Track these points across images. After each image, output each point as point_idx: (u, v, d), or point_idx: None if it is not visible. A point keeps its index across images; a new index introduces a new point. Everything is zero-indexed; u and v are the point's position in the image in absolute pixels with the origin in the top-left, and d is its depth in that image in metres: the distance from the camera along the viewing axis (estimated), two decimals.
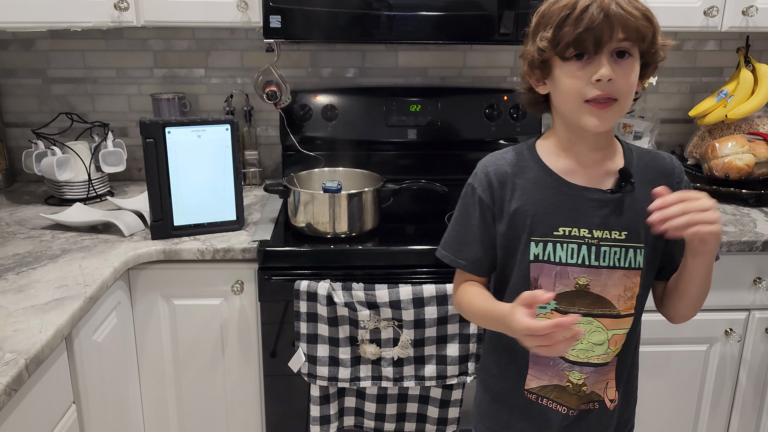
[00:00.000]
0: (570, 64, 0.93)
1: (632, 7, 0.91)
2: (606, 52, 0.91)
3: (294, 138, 1.90)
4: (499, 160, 1.06)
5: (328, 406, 1.50)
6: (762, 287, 1.59)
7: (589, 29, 0.89)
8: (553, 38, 0.92)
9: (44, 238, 1.54)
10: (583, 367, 1.05)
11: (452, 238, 1.10)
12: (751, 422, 1.70)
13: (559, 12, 0.92)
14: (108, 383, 1.36)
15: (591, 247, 1.00)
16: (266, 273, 1.48)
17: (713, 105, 1.95)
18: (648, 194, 0.99)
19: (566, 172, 1.02)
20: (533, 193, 1.02)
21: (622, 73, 0.92)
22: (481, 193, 1.05)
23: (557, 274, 1.01)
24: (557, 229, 1.00)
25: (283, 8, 1.58)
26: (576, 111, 0.95)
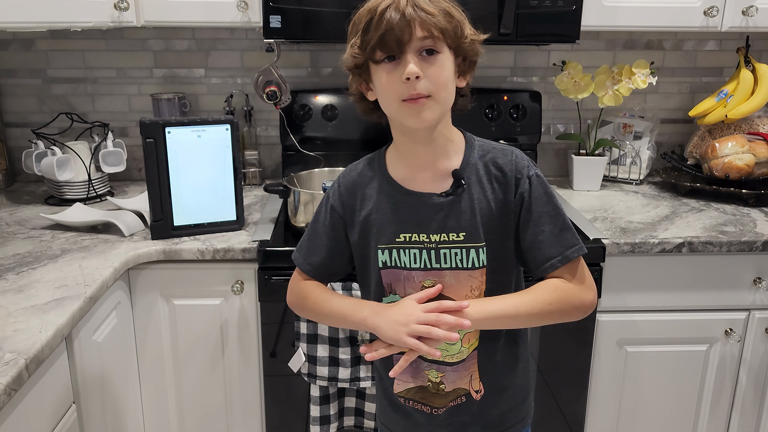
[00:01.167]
0: (382, 67, 0.96)
1: (431, 6, 0.93)
2: (411, 51, 0.93)
3: (294, 138, 1.90)
4: (352, 171, 1.10)
5: (328, 406, 1.50)
6: (762, 287, 1.59)
7: (389, 31, 0.92)
8: (362, 43, 0.96)
9: (44, 238, 1.54)
10: (439, 365, 1.07)
11: (304, 242, 1.14)
12: (751, 422, 1.70)
13: (364, 17, 0.95)
14: (108, 383, 1.36)
15: (431, 251, 1.02)
16: (266, 273, 1.48)
17: (713, 105, 1.95)
18: (486, 192, 1.02)
19: (405, 178, 1.04)
20: (378, 202, 1.05)
21: (431, 69, 0.94)
22: (333, 202, 1.09)
23: (404, 278, 1.04)
24: (399, 235, 1.03)
25: (283, 8, 1.58)
26: (397, 112, 0.98)
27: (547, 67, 2.07)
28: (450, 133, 1.05)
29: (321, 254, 1.11)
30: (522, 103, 1.99)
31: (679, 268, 1.58)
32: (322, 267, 1.12)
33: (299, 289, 1.14)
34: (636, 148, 2.04)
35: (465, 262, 1.02)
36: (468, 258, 1.01)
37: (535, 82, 2.08)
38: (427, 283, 1.03)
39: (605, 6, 1.70)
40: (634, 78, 1.87)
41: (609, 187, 2.01)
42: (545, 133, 2.11)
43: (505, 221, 1.02)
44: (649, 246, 1.53)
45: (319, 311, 1.11)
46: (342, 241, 1.09)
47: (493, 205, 1.02)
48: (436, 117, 0.98)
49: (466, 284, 1.03)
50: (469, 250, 1.01)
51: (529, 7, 1.62)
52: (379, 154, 1.09)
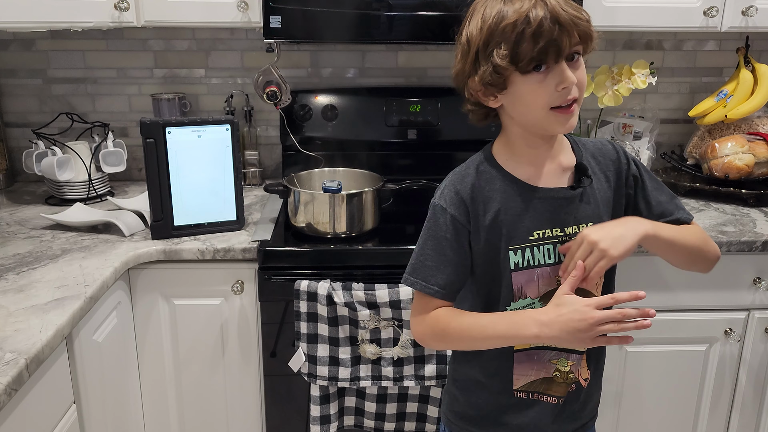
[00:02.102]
0: (531, 77, 0.93)
1: (573, 9, 0.92)
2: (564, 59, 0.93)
3: (294, 138, 1.90)
4: (465, 177, 1.05)
5: (328, 406, 1.50)
6: (762, 287, 1.59)
7: (550, 42, 0.90)
8: (512, 55, 0.91)
9: (44, 238, 1.54)
10: (571, 354, 1.07)
11: (421, 263, 1.05)
12: (750, 422, 1.70)
13: (513, 28, 0.90)
14: (108, 383, 1.36)
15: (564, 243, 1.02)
16: (266, 273, 1.48)
17: (713, 105, 1.95)
18: (602, 182, 1.06)
19: (528, 177, 1.03)
20: (504, 203, 1.02)
21: (577, 74, 0.95)
22: (453, 212, 1.02)
23: (539, 276, 1.03)
24: (532, 233, 1.02)
25: (283, 8, 1.58)
26: (542, 120, 0.97)
27: None
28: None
29: (447, 271, 1.03)
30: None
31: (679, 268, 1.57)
32: (449, 285, 1.04)
33: (432, 321, 1.04)
34: (636, 148, 2.04)
35: None
36: None
37: None
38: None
39: (605, 6, 1.70)
40: (634, 78, 1.87)
41: None
42: None
43: (620, 204, 1.07)
44: None
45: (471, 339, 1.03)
46: (466, 252, 1.04)
47: (610, 192, 1.06)
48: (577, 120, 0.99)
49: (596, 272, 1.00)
50: None
51: None
52: (486, 156, 1.06)
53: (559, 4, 0.91)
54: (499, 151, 1.06)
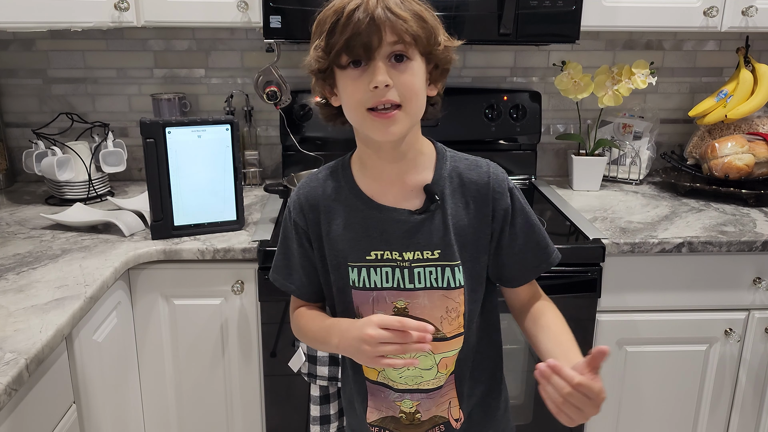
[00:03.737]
0: (348, 72, 0.88)
1: (402, 9, 0.86)
2: (380, 57, 0.86)
3: (294, 138, 1.90)
4: (313, 182, 1.01)
5: (328, 406, 1.50)
6: (762, 287, 1.59)
7: (356, 35, 0.84)
8: (326, 46, 0.88)
9: (44, 238, 1.54)
10: (413, 394, 1.01)
11: (279, 261, 1.05)
12: (750, 422, 1.70)
13: (330, 18, 0.87)
14: (108, 383, 1.36)
15: (404, 270, 0.95)
16: (266, 273, 1.47)
17: (713, 105, 1.95)
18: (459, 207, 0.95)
19: (374, 192, 0.97)
20: (345, 217, 0.97)
21: (401, 77, 0.87)
22: (295, 217, 1.00)
23: (374, 299, 0.96)
24: (369, 253, 0.96)
25: (283, 8, 1.58)
26: (362, 122, 0.91)
27: (547, 67, 2.07)
28: (420, 145, 0.97)
29: (298, 273, 1.03)
30: (522, 103, 1.99)
31: (678, 268, 1.58)
32: (303, 286, 1.03)
33: (295, 319, 1.06)
34: (636, 148, 2.04)
35: (440, 282, 0.95)
36: (443, 277, 0.95)
37: (535, 82, 2.09)
38: (399, 303, 0.96)
39: (605, 6, 1.70)
40: (634, 78, 1.87)
41: (609, 187, 2.01)
42: (545, 133, 2.11)
43: (480, 237, 0.97)
44: (649, 246, 1.53)
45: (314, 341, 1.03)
46: (311, 257, 1.01)
47: (468, 220, 0.96)
48: (405, 130, 0.90)
49: (440, 305, 0.96)
50: (444, 269, 0.95)
51: (529, 7, 1.62)
52: (344, 164, 1.01)
53: (385, 1, 0.85)
54: (354, 160, 1.01)
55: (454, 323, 0.98)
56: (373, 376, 1.03)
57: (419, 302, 0.96)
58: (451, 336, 0.98)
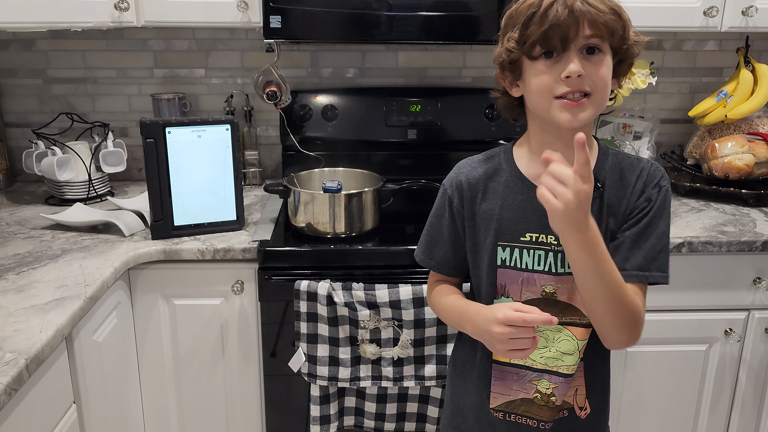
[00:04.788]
0: (539, 63, 0.92)
1: (599, 2, 0.89)
2: (574, 48, 0.89)
3: (294, 138, 1.90)
4: (473, 163, 1.06)
5: (328, 406, 1.50)
6: (762, 287, 1.59)
7: (555, 26, 0.88)
8: (520, 38, 0.91)
9: (44, 238, 1.54)
10: (552, 375, 1.02)
11: (424, 238, 1.11)
12: (751, 422, 1.70)
13: (526, 11, 0.90)
14: (108, 383, 1.36)
15: (558, 254, 0.98)
16: (266, 273, 1.48)
17: (713, 105, 1.95)
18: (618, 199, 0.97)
19: (537, 176, 0.96)
20: (503, 197, 1.00)
21: (592, 68, 0.90)
22: (451, 195, 1.05)
23: (524, 280, 0.99)
24: (524, 234, 0.99)
25: (283, 8, 1.58)
26: (548, 108, 0.93)
27: None
28: (590, 138, 1.01)
29: (443, 248, 1.07)
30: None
31: (679, 268, 1.57)
32: (446, 261, 1.08)
33: (432, 294, 1.11)
34: (636, 148, 2.04)
35: None
36: None
37: None
38: (548, 288, 0.99)
39: None
40: (634, 78, 1.86)
41: None
42: None
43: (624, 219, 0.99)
44: None
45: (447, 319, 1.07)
46: (461, 234, 1.05)
47: (621, 211, 0.98)
48: (590, 119, 0.94)
49: None
50: None
51: None
52: (506, 149, 1.05)
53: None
54: (520, 145, 1.04)
55: None
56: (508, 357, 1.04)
57: (568, 287, 0.98)
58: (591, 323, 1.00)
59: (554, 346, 1.01)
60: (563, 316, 1.00)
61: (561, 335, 1.01)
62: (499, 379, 1.05)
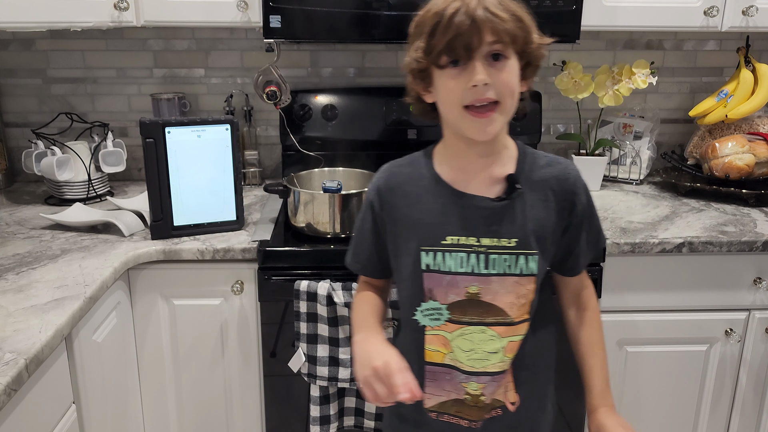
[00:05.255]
0: (446, 72, 0.92)
1: (501, 9, 0.90)
2: (479, 56, 0.90)
3: (294, 138, 1.90)
4: (394, 168, 1.07)
5: (328, 406, 1.50)
6: (762, 287, 1.59)
7: (458, 35, 0.88)
8: (426, 47, 0.92)
9: (44, 238, 1.54)
10: (479, 376, 1.03)
11: (351, 243, 1.13)
12: (751, 422, 1.70)
13: (431, 21, 0.91)
14: (108, 383, 1.36)
15: (480, 256, 0.99)
16: (266, 273, 1.48)
17: (713, 105, 1.95)
18: (538, 200, 1.00)
19: (455, 180, 1.01)
20: (424, 202, 1.01)
21: (498, 75, 0.91)
22: (372, 199, 1.07)
23: (448, 283, 1.00)
24: (445, 238, 1.00)
25: (283, 8, 1.58)
26: (458, 119, 0.95)
27: (547, 67, 2.06)
28: (506, 140, 1.03)
29: (367, 252, 1.10)
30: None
31: (679, 268, 1.57)
32: (370, 264, 1.11)
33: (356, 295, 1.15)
34: (636, 148, 2.04)
35: (514, 269, 0.99)
36: (517, 265, 0.99)
37: (535, 82, 2.07)
38: (471, 289, 1.00)
39: (605, 6, 1.70)
40: (634, 78, 1.87)
41: (609, 187, 2.01)
42: (545, 133, 2.11)
43: (555, 229, 1.02)
44: (649, 246, 1.52)
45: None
46: (383, 239, 1.07)
47: (545, 213, 1.01)
48: (500, 128, 0.96)
49: (512, 291, 1.00)
50: (518, 257, 0.99)
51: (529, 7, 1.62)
52: (426, 153, 1.06)
53: (485, 2, 0.89)
54: (438, 151, 1.06)
55: (522, 309, 1.02)
56: (439, 359, 1.05)
57: (492, 288, 1.00)
58: (518, 321, 1.02)
59: (480, 347, 1.02)
60: (487, 316, 1.01)
61: (485, 336, 1.02)
62: (432, 380, 1.06)
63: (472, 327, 1.01)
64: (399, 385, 0.90)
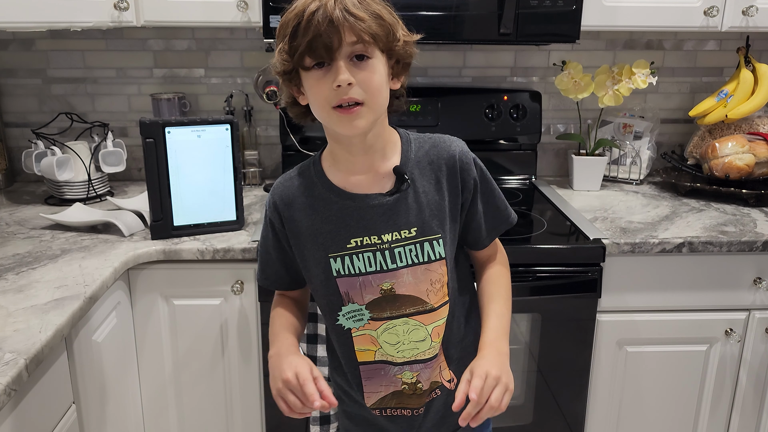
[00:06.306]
0: (312, 73, 0.92)
1: (360, 9, 0.89)
2: (342, 57, 0.90)
3: (294, 138, 1.90)
4: (286, 181, 1.06)
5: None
6: (762, 287, 1.59)
7: (317, 37, 0.88)
8: (290, 49, 0.92)
9: (44, 238, 1.54)
10: (412, 365, 1.05)
11: (258, 259, 1.12)
12: (751, 422, 1.70)
13: (292, 22, 0.91)
14: (108, 383, 1.36)
15: (385, 252, 1.00)
16: None
17: (713, 105, 1.95)
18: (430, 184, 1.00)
19: (345, 183, 1.01)
20: (320, 210, 1.02)
21: (362, 75, 0.91)
22: (271, 216, 1.06)
23: (361, 284, 1.01)
24: (349, 241, 1.00)
25: (283, 8, 1.57)
26: (328, 119, 0.95)
27: (547, 67, 2.07)
28: (388, 135, 1.03)
29: (274, 267, 1.10)
30: (522, 103, 1.99)
31: (679, 268, 1.57)
32: (278, 278, 1.11)
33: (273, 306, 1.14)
34: (636, 148, 2.04)
35: (421, 257, 1.00)
36: (423, 252, 1.00)
37: (535, 82, 2.08)
38: (385, 285, 1.01)
39: (605, 6, 1.70)
40: (634, 78, 1.87)
41: (609, 187, 2.01)
42: (545, 133, 2.11)
43: (452, 208, 1.02)
44: (649, 246, 1.52)
45: None
46: (288, 252, 1.07)
47: (439, 195, 1.01)
48: (369, 123, 0.95)
49: (425, 279, 1.01)
50: (423, 244, 1.00)
51: (529, 7, 1.62)
52: (314, 161, 1.06)
53: (343, 3, 0.89)
54: (325, 157, 1.05)
55: (440, 293, 1.03)
56: (370, 357, 1.06)
57: (404, 280, 1.01)
58: (438, 306, 1.03)
59: (406, 338, 1.03)
60: (406, 308, 1.02)
61: (409, 326, 1.03)
62: (368, 378, 1.07)
63: (394, 320, 1.02)
64: (310, 393, 0.92)
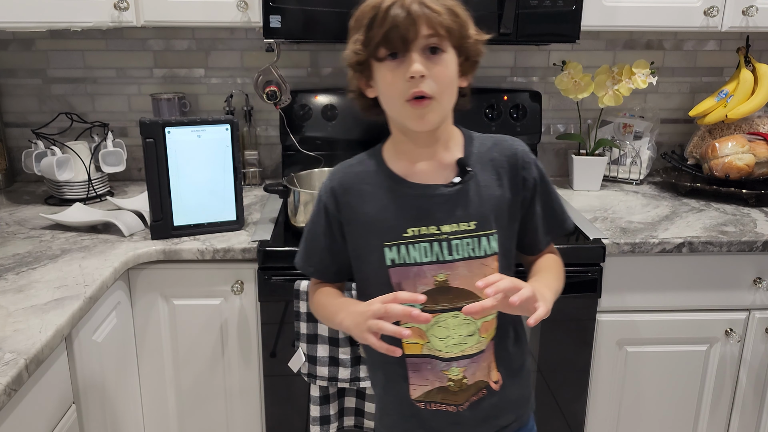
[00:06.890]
0: (385, 65, 0.95)
1: (436, 3, 0.93)
2: (416, 49, 0.92)
3: (294, 138, 1.90)
4: (346, 168, 1.08)
5: (328, 406, 1.50)
6: (762, 287, 1.59)
7: (394, 27, 0.91)
8: (365, 40, 0.95)
9: (44, 238, 1.54)
10: (459, 361, 1.05)
11: (303, 245, 1.13)
12: (751, 422, 1.70)
13: (368, 14, 0.94)
14: (108, 383, 1.36)
15: (442, 243, 1.00)
16: (266, 273, 1.48)
17: (713, 105, 1.95)
18: (492, 179, 1.03)
19: (407, 172, 1.03)
20: (380, 199, 1.03)
21: (435, 68, 0.93)
22: (326, 202, 1.07)
23: (415, 274, 1.01)
24: (406, 230, 1.01)
25: (283, 8, 1.58)
26: (400, 113, 0.97)
27: (547, 67, 2.07)
28: (451, 130, 1.06)
29: (320, 255, 1.10)
30: (522, 103, 1.99)
31: (679, 268, 1.58)
32: (324, 268, 1.11)
33: (311, 295, 1.15)
34: (636, 148, 2.04)
35: (477, 251, 1.01)
36: (480, 246, 1.01)
37: (535, 82, 2.08)
38: (439, 276, 1.01)
39: (605, 6, 1.70)
40: (634, 78, 1.87)
41: (609, 187, 2.01)
42: (545, 133, 2.11)
43: (512, 205, 1.04)
44: (649, 246, 1.52)
45: (318, 315, 1.13)
46: (340, 241, 1.08)
47: (500, 191, 1.03)
48: (439, 119, 0.98)
49: (479, 273, 1.01)
50: (480, 239, 1.01)
51: (529, 7, 1.62)
52: (375, 151, 1.08)
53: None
54: (387, 148, 1.07)
55: None
56: (417, 350, 1.05)
57: (459, 272, 1.01)
58: None
59: (455, 332, 1.03)
60: (458, 301, 1.02)
61: (459, 320, 1.03)
62: (414, 372, 1.07)
63: (445, 314, 1.02)
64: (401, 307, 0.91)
